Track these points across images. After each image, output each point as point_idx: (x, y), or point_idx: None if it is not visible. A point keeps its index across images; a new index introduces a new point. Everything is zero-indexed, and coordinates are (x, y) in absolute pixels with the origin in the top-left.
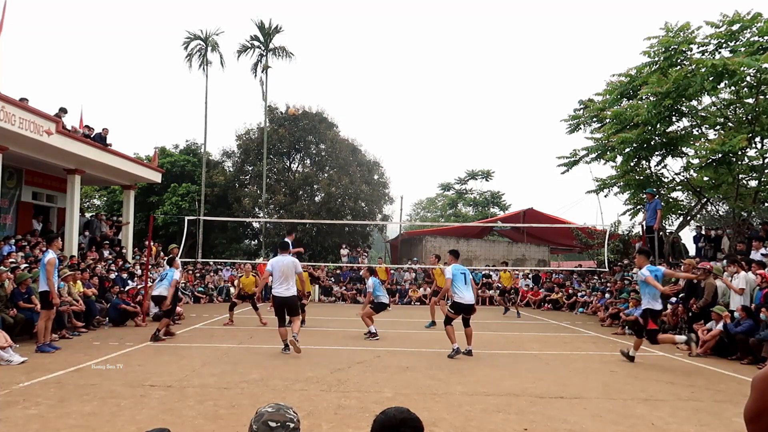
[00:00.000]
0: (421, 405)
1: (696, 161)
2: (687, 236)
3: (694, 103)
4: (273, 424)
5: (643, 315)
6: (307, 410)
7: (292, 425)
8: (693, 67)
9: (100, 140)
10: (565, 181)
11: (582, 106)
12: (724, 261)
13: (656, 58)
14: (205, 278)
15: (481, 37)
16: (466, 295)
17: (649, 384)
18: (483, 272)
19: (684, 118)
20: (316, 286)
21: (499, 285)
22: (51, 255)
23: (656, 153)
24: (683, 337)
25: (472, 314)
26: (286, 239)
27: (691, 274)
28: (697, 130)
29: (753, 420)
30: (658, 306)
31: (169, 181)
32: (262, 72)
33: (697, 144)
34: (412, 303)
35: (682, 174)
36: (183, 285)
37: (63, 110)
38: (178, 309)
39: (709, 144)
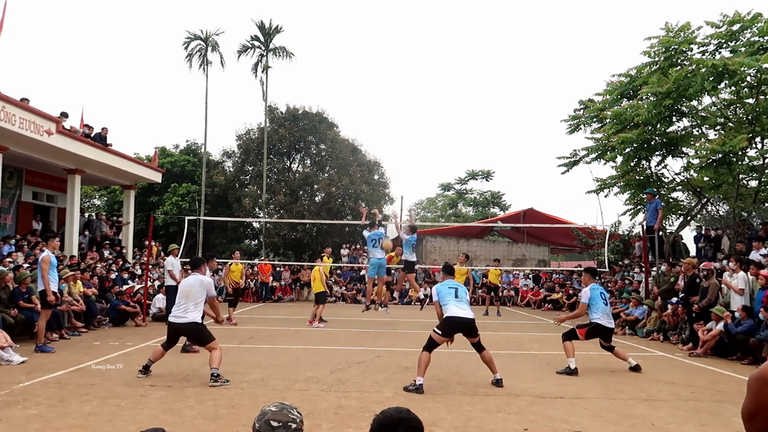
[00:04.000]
0: (421, 405)
1: (696, 161)
2: (687, 236)
3: (695, 103)
4: (275, 424)
5: (589, 326)
6: (307, 410)
7: (294, 425)
8: (693, 67)
9: (100, 140)
10: (565, 181)
11: (582, 106)
12: (724, 261)
13: (656, 58)
14: None
15: (481, 37)
16: (459, 310)
17: (649, 384)
18: (483, 272)
19: (684, 118)
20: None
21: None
22: (45, 253)
23: (656, 153)
24: (573, 364)
25: (470, 333)
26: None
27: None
28: (698, 130)
29: (750, 419)
30: (609, 324)
31: (169, 181)
32: (263, 72)
33: (698, 144)
34: (412, 303)
35: (682, 174)
36: None
37: (64, 114)
38: None
39: (710, 144)
